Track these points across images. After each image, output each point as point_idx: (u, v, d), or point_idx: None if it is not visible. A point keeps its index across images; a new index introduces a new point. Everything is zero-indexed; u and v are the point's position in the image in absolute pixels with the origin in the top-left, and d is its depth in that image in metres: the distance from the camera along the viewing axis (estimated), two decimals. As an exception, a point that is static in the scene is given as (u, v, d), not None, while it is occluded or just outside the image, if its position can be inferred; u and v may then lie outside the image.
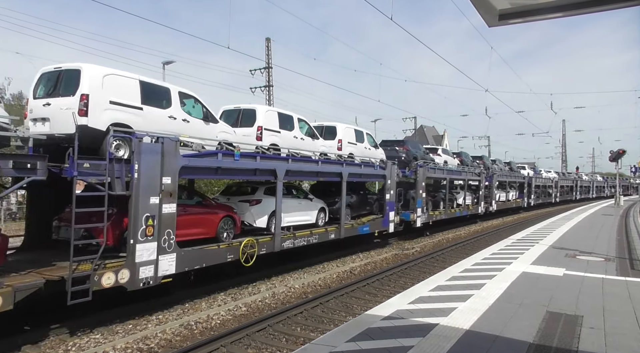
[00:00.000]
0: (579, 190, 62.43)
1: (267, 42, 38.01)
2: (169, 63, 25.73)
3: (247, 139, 12.11)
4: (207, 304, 10.23)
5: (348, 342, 5.74)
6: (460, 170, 27.85)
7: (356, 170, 16.22)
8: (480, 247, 17.26)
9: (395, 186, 18.82)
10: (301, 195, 14.57)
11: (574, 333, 6.11)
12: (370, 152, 17.99)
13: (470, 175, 29.16)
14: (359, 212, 17.56)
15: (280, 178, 12.30)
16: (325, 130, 16.40)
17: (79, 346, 7.63)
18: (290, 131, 13.74)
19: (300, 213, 13.94)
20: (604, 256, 12.71)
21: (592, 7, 3.09)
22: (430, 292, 8.38)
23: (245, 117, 12.81)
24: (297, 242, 13.32)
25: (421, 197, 21.05)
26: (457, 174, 27.49)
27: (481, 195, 30.02)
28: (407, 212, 20.42)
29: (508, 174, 37.91)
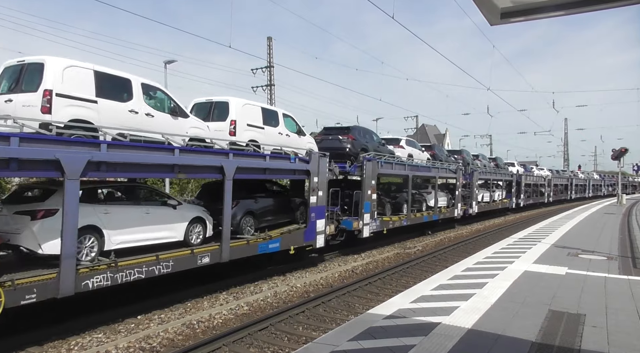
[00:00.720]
0: (574, 189, 58.36)
1: (268, 41, 38.00)
2: (170, 62, 25.73)
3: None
4: (209, 303, 10.25)
5: (350, 341, 5.74)
6: (429, 166, 22.99)
7: (252, 164, 11.47)
8: (482, 246, 17.25)
9: (327, 186, 14.43)
10: (157, 201, 10.13)
11: (576, 332, 6.10)
12: (288, 139, 13.36)
13: (443, 171, 24.42)
14: (274, 221, 13.21)
15: (70, 177, 7.53)
16: (214, 108, 11.91)
17: (82, 345, 7.65)
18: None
19: (151, 227, 9.36)
20: (606, 255, 12.68)
21: (594, 5, 3.09)
22: (432, 291, 8.38)
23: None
24: (122, 276, 8.40)
25: (370, 199, 16.58)
26: (425, 171, 22.64)
27: (458, 196, 25.40)
28: (350, 219, 16.12)
29: (493, 171, 33.44)
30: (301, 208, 14.32)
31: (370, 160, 16.70)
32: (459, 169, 25.83)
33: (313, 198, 13.78)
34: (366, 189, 16.49)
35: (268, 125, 12.56)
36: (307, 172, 13.58)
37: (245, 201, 11.95)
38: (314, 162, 13.74)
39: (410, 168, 20.67)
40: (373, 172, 16.88)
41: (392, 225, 18.67)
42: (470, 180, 27.81)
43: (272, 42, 37.91)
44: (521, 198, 38.11)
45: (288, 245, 12.82)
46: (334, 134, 17.32)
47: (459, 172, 25.78)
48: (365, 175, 16.45)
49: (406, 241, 20.61)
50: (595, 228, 20.26)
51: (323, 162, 14.23)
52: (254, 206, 12.37)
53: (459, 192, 25.54)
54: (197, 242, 10.38)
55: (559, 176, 54.61)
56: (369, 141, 18.01)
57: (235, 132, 11.49)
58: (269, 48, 37.81)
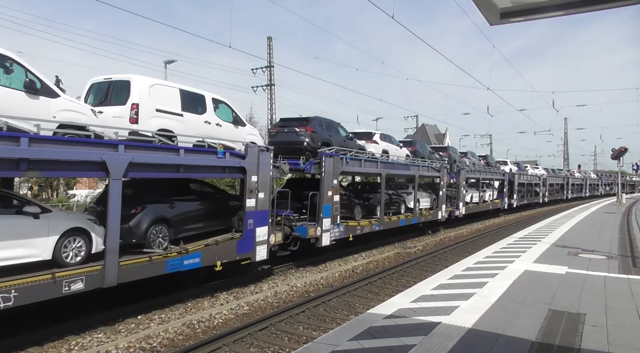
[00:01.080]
0: (570, 188, 56.21)
1: (268, 41, 37.99)
2: (170, 62, 25.79)
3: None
4: (209, 303, 10.25)
5: (350, 340, 5.75)
6: (407, 164, 20.57)
7: (156, 159, 9.07)
8: (482, 245, 17.27)
9: (270, 186, 12.13)
10: (9, 208, 7.52)
11: (576, 332, 6.11)
12: (219, 130, 11.14)
13: (425, 170, 22.13)
14: (204, 230, 11.08)
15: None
16: (113, 89, 9.64)
17: (82, 345, 7.65)
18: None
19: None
20: (606, 254, 12.69)
21: (593, 5, 3.10)
22: (432, 291, 8.39)
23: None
24: None
25: (330, 202, 14.38)
26: (402, 169, 20.13)
27: (442, 196, 23.24)
28: (305, 225, 13.81)
29: (483, 170, 31.25)
30: (240, 213, 11.74)
31: (331, 156, 14.47)
32: (443, 167, 23.73)
33: (251, 201, 11.36)
34: (325, 190, 14.18)
35: (190, 112, 10.41)
36: (243, 169, 11.19)
37: (156, 206, 9.69)
38: (251, 157, 11.35)
39: (384, 165, 18.25)
40: (335, 170, 14.56)
41: (360, 231, 16.36)
42: (457, 179, 25.64)
43: (272, 42, 37.91)
44: (514, 199, 36.45)
45: (213, 259, 10.38)
46: (291, 125, 14.91)
47: (444, 171, 23.73)
48: (325, 174, 14.15)
49: (406, 241, 20.61)
50: (595, 227, 20.26)
51: (265, 157, 11.76)
52: (169, 212, 9.94)
53: (443, 192, 23.40)
54: (76, 261, 7.90)
55: (555, 175, 52.99)
56: (332, 134, 15.74)
57: (137, 119, 9.24)
58: (269, 48, 37.81)
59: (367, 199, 18.26)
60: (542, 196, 44.77)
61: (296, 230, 13.62)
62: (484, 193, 31.49)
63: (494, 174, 33.68)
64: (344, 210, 15.90)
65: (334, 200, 14.66)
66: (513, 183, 36.24)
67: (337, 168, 14.74)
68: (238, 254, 11.08)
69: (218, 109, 11.42)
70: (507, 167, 37.73)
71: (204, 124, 10.81)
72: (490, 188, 33.32)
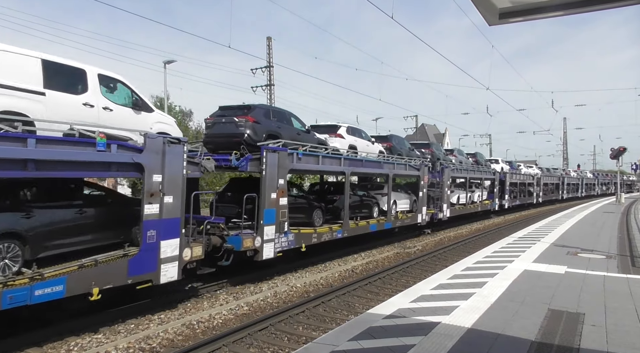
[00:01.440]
0: (565, 188, 54.42)
1: (268, 41, 37.99)
2: (170, 62, 25.78)
3: None
4: (209, 303, 10.25)
5: (350, 340, 5.75)
6: (379, 161, 18.11)
7: None
8: (482, 245, 17.28)
9: (183, 188, 9.56)
10: None
11: (575, 331, 6.11)
12: (108, 116, 8.78)
13: (401, 168, 19.55)
14: (88, 245, 8.67)
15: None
16: None
17: (81, 346, 7.65)
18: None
19: None
20: (605, 253, 12.70)
21: (592, 6, 3.10)
22: (432, 291, 8.39)
23: None
24: None
25: (275, 206, 11.99)
26: (373, 166, 17.64)
27: (422, 198, 20.87)
28: (242, 234, 11.24)
29: (470, 169, 28.97)
30: None
31: (276, 151, 12.03)
32: (423, 166, 21.31)
33: (151, 207, 8.93)
34: (268, 191, 11.67)
35: (58, 90, 8.00)
36: (139, 166, 8.78)
37: None
38: (153, 151, 8.95)
39: (350, 163, 15.73)
40: (281, 167, 12.16)
41: (316, 240, 13.80)
42: (440, 179, 23.44)
43: (271, 42, 37.92)
44: (506, 199, 34.55)
45: (87, 285, 7.85)
46: (228, 115, 12.44)
47: (424, 169, 21.32)
48: (267, 172, 11.63)
49: (406, 240, 20.61)
50: (594, 227, 20.28)
51: (175, 151, 9.36)
52: (23, 223, 7.47)
53: (424, 193, 21.03)
54: None
55: (550, 174, 51.05)
56: (282, 126, 13.21)
57: None
58: (268, 48, 37.81)
59: (331, 202, 15.88)
60: (536, 196, 42.98)
61: (228, 240, 11.02)
62: (472, 193, 29.37)
63: (484, 173, 31.47)
64: (301, 215, 13.92)
65: (279, 204, 12.07)
66: (504, 183, 34.47)
67: (284, 165, 12.33)
68: (131, 276, 8.55)
69: (109, 89, 9.09)
70: (498, 165, 35.82)
71: (83, 107, 8.33)
72: (479, 189, 31.04)
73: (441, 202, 23.40)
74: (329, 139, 15.94)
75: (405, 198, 20.76)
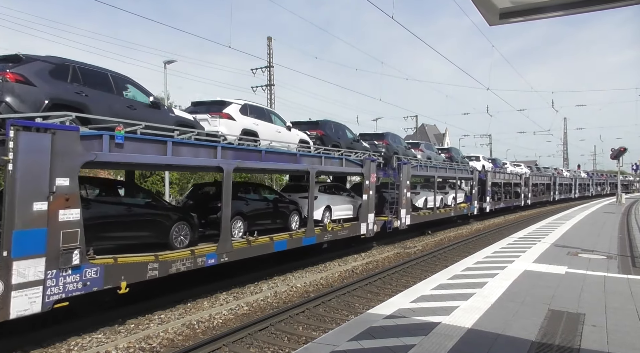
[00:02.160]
0: (557, 189, 50.49)
1: (268, 41, 37.98)
2: (170, 62, 25.74)
3: None
4: (209, 303, 10.25)
5: (350, 340, 5.74)
6: (293, 153, 13.22)
7: None
8: (482, 245, 17.28)
9: None
10: None
11: (576, 331, 6.11)
12: None
13: (331, 163, 14.92)
14: None
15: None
16: None
17: (82, 345, 7.65)
18: None
19: None
20: (605, 254, 12.69)
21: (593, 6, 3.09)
22: (432, 291, 8.39)
23: None
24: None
25: (43, 224, 7.18)
26: (276, 160, 12.46)
27: (367, 202, 16.43)
28: None
29: (441, 166, 24.57)
30: None
31: (45, 129, 7.29)
32: (369, 161, 16.67)
33: None
34: (22, 198, 6.95)
35: None
36: None
37: None
38: None
39: (234, 154, 10.92)
40: (61, 158, 7.48)
41: (157, 272, 9.03)
42: (396, 178, 19.16)
43: (271, 42, 37.90)
44: (487, 202, 30.41)
45: None
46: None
47: (370, 166, 16.66)
48: (19, 164, 7.00)
49: (406, 241, 20.61)
50: (595, 227, 20.27)
51: None
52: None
53: (369, 195, 16.56)
54: None
55: (540, 174, 46.96)
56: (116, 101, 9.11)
57: None
58: (268, 48, 37.80)
59: (213, 210, 11.34)
60: (524, 198, 39.19)
61: None
62: (445, 195, 25.27)
63: (459, 171, 26.94)
64: (149, 232, 9.58)
65: (59, 221, 7.38)
66: (485, 183, 30.33)
67: (69, 153, 7.60)
68: None
69: None
70: (478, 163, 31.42)
71: None
72: (453, 190, 26.50)
73: (398, 207, 18.82)
74: (211, 121, 11.57)
75: (346, 203, 16.60)
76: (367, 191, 16.52)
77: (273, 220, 13.15)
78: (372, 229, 16.92)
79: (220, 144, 10.65)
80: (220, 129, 11.45)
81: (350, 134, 17.70)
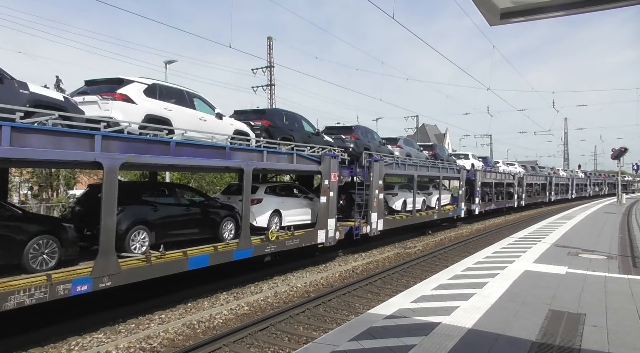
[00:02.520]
0: (553, 189, 48.24)
1: (268, 41, 37.99)
2: (171, 62, 25.74)
3: None
4: (209, 303, 10.25)
5: (350, 340, 5.74)
6: (212, 145, 10.64)
7: None
8: (482, 245, 17.26)
9: None
10: None
11: (576, 332, 6.10)
12: None
13: (276, 159, 12.51)
14: None
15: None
16: None
17: (82, 345, 7.66)
18: None
19: None
20: (606, 254, 12.68)
21: (593, 6, 3.09)
22: (432, 291, 8.38)
23: None
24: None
25: None
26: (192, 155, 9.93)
27: (326, 206, 14.15)
28: None
29: (422, 164, 21.97)
30: None
31: None
32: (327, 157, 14.17)
33: None
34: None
35: None
36: None
37: None
38: None
39: (125, 147, 8.56)
40: None
41: None
42: (366, 177, 16.61)
43: (272, 42, 37.91)
44: (476, 203, 28.03)
45: None
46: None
47: (330, 163, 14.16)
48: None
49: (406, 241, 20.60)
50: (595, 227, 20.26)
51: None
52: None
53: (330, 197, 14.16)
54: None
55: (535, 174, 44.68)
56: None
57: None
58: (269, 48, 37.81)
59: (81, 219, 9.08)
60: (518, 199, 37.11)
61: None
62: (429, 196, 23.13)
63: (443, 170, 24.59)
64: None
65: None
66: (474, 183, 28.05)
67: None
68: None
69: None
70: (467, 161, 29.21)
71: None
72: (437, 190, 24.12)
73: (368, 210, 16.24)
74: (102, 104, 9.02)
75: (304, 207, 14.38)
76: (327, 192, 14.18)
77: (199, 230, 10.73)
78: (334, 237, 14.40)
79: (100, 132, 8.12)
80: (114, 114, 8.95)
81: (308, 126, 15.16)
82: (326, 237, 14.14)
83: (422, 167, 22.01)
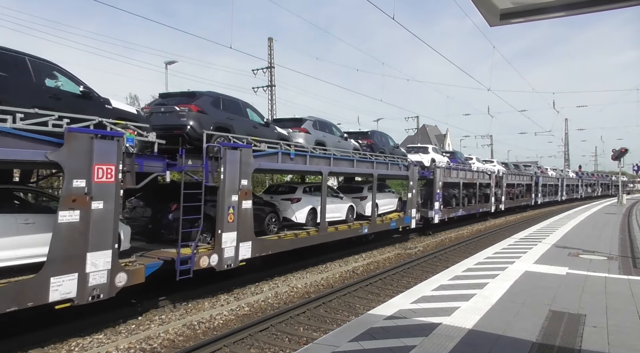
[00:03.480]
0: (540, 190, 42.21)
1: (269, 41, 37.98)
2: (171, 63, 25.84)
3: None
4: (209, 304, 10.25)
5: (351, 341, 5.74)
6: None
7: None
8: (483, 246, 17.26)
9: None
10: None
11: (576, 332, 6.10)
12: None
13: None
14: None
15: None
16: None
17: (82, 346, 7.66)
18: None
19: None
20: (606, 255, 12.68)
21: (594, 7, 3.09)
22: (433, 292, 8.38)
23: None
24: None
25: None
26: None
27: None
28: None
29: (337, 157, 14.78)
30: None
31: None
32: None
33: None
34: None
35: None
36: None
37: None
38: None
39: None
40: None
41: None
42: (207, 176, 10.26)
43: (273, 42, 37.91)
44: (435, 210, 22.04)
45: None
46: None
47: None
48: None
49: (407, 241, 20.59)
50: (596, 228, 20.25)
51: None
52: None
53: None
54: None
55: (517, 173, 38.45)
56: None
57: None
58: (269, 49, 37.81)
59: None
60: (496, 202, 31.30)
61: None
62: (362, 201, 17.20)
63: (381, 166, 17.76)
64: None
65: None
66: (434, 185, 22.30)
67: None
68: None
69: None
70: (426, 156, 23.23)
71: None
72: (380, 193, 18.30)
73: (220, 227, 10.35)
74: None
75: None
76: None
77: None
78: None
79: None
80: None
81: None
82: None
83: (342, 161, 15.39)
